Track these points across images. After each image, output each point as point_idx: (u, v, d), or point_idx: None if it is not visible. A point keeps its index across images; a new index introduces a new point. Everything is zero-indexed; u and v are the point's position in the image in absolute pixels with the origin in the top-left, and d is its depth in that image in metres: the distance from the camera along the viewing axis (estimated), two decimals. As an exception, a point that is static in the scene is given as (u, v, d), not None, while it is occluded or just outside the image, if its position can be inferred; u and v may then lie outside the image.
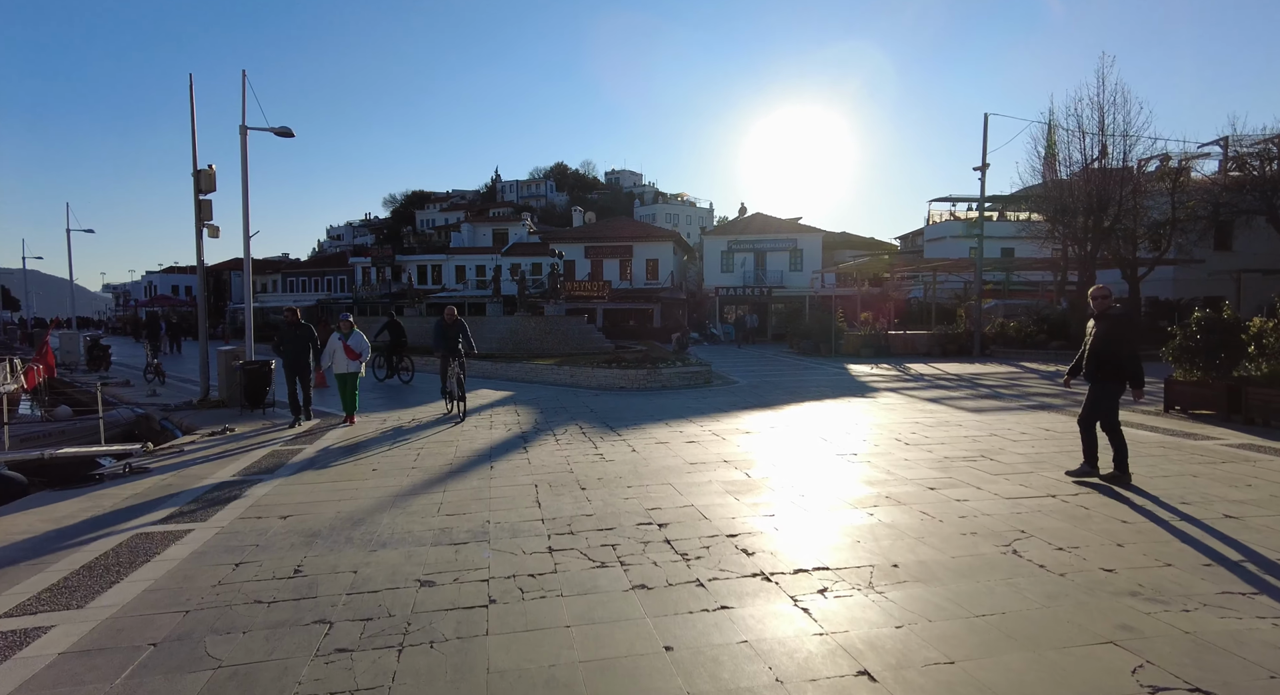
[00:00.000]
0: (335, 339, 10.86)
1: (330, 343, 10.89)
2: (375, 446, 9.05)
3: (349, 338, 10.85)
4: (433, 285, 54.11)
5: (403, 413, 12.15)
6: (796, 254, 43.45)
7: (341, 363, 10.85)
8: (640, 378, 15.36)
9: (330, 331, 22.27)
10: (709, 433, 9.58)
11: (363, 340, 10.97)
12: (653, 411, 11.77)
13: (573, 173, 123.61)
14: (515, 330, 22.61)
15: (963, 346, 25.00)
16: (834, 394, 13.88)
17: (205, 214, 13.78)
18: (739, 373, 18.69)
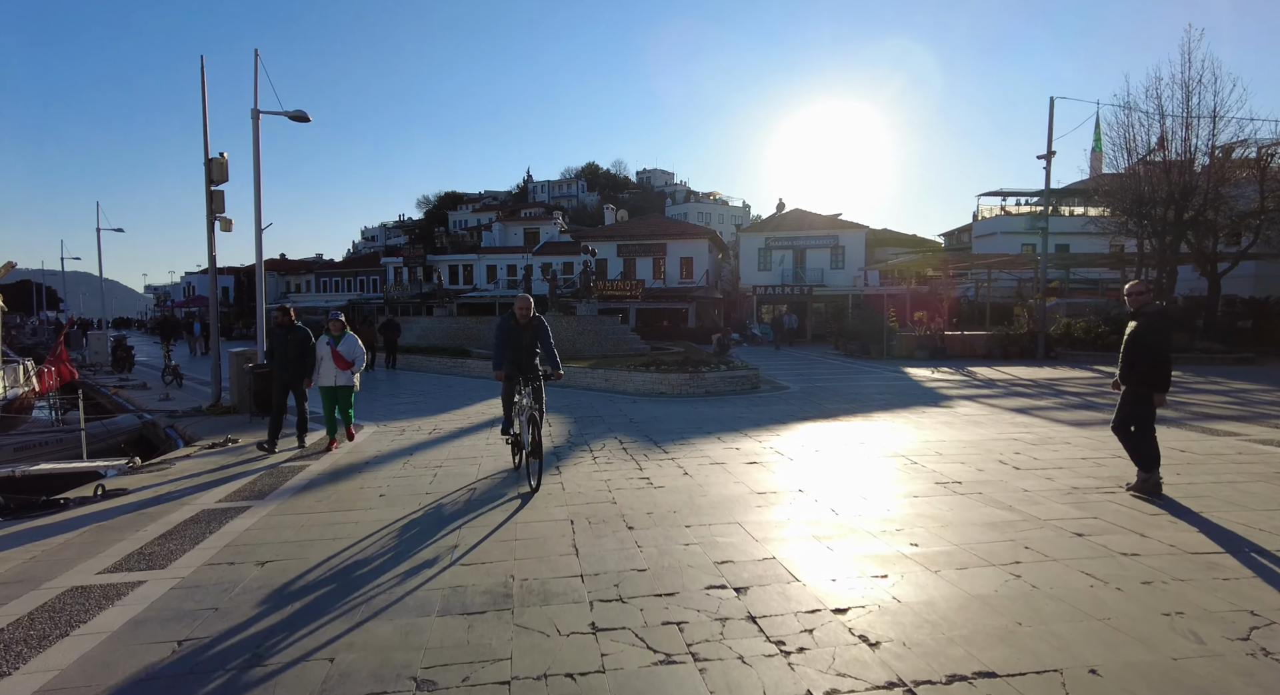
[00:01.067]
0: (323, 344, 8.74)
1: (316, 348, 8.81)
2: (390, 463, 7.90)
3: (339, 342, 8.74)
4: (464, 285, 53.48)
5: (425, 421, 11.03)
6: (838, 251, 41.65)
7: (329, 373, 8.71)
8: (681, 383, 14.04)
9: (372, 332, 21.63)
10: (771, 451, 8.22)
11: (356, 345, 8.83)
12: (699, 422, 10.45)
13: (604, 172, 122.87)
14: (546, 331, 21.46)
15: (1025, 348, 23.16)
16: (903, 403, 12.39)
17: (217, 206, 12.88)
18: (787, 376, 17.26)
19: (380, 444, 9.18)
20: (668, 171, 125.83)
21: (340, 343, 8.75)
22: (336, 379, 8.73)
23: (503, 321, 7.14)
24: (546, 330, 7.34)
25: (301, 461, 8.22)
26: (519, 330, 7.08)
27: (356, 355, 8.81)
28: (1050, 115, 22.23)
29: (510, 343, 7.04)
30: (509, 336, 7.02)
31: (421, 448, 8.85)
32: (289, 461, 8.18)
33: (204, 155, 12.71)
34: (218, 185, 12.85)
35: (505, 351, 7.03)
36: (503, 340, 7.02)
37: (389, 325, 21.87)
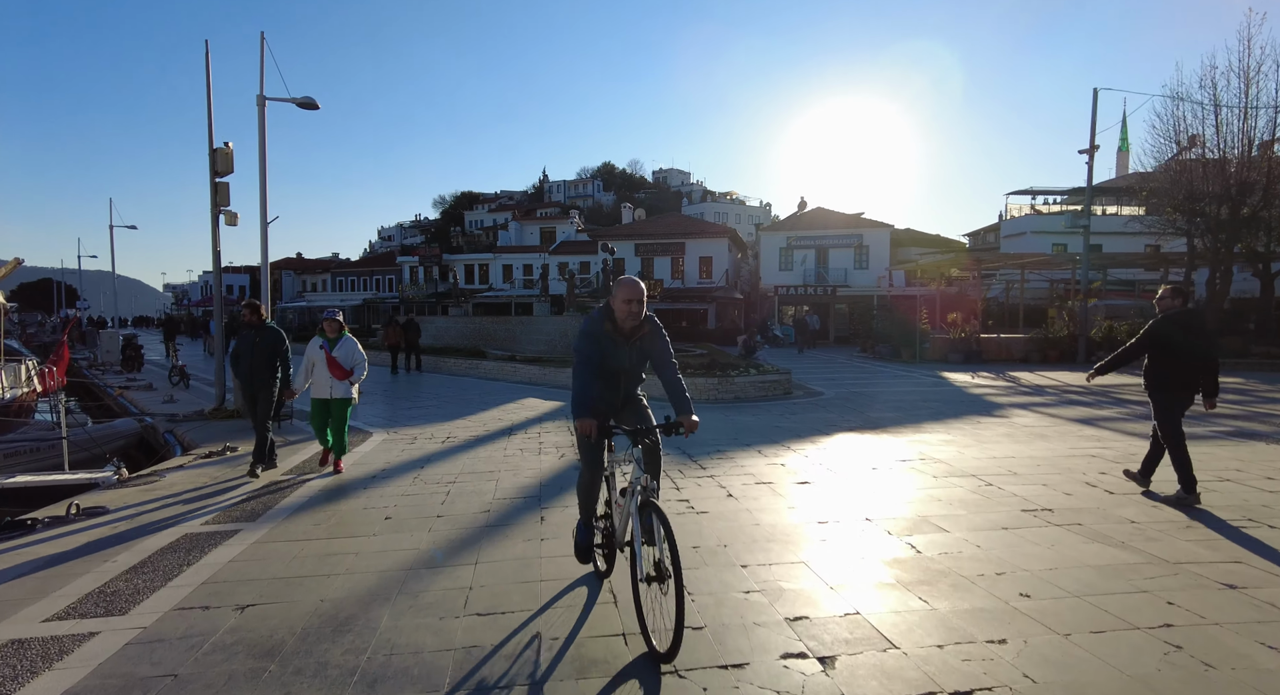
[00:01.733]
0: (315, 346, 7.32)
1: (308, 352, 7.34)
2: (398, 478, 7.14)
3: (336, 346, 7.32)
4: (480, 285, 52.96)
5: (438, 429, 10.28)
6: (862, 250, 40.58)
7: (323, 382, 7.32)
8: (710, 388, 13.20)
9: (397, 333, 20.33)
10: (821, 468, 7.36)
11: (355, 350, 7.42)
12: (734, 432, 9.61)
13: (620, 172, 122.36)
14: (565, 331, 20.71)
15: (1065, 352, 22.06)
16: (953, 412, 11.47)
17: (221, 199, 12.22)
18: (818, 381, 16.36)
19: (389, 454, 8.43)
20: (684, 171, 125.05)
21: (337, 347, 7.36)
22: (332, 390, 7.34)
23: (593, 326, 3.81)
24: (667, 343, 4.09)
25: (304, 473, 7.49)
26: (620, 343, 3.84)
27: (356, 362, 7.41)
28: (1094, 107, 21.14)
29: (606, 367, 3.88)
30: (603, 352, 3.82)
31: (434, 459, 8.09)
32: (288, 476, 7.45)
33: (208, 145, 12.06)
34: (223, 177, 12.20)
35: (594, 381, 3.84)
36: (592, 359, 3.81)
37: (410, 325, 20.77)
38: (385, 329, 20.50)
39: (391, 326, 20.48)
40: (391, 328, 20.38)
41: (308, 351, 7.38)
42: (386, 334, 20.11)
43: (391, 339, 19.94)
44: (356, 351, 7.49)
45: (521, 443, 9.07)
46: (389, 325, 20.54)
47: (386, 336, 20.04)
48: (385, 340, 20.12)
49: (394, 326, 20.46)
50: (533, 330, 22.60)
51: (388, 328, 20.31)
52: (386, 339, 20.05)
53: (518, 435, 9.64)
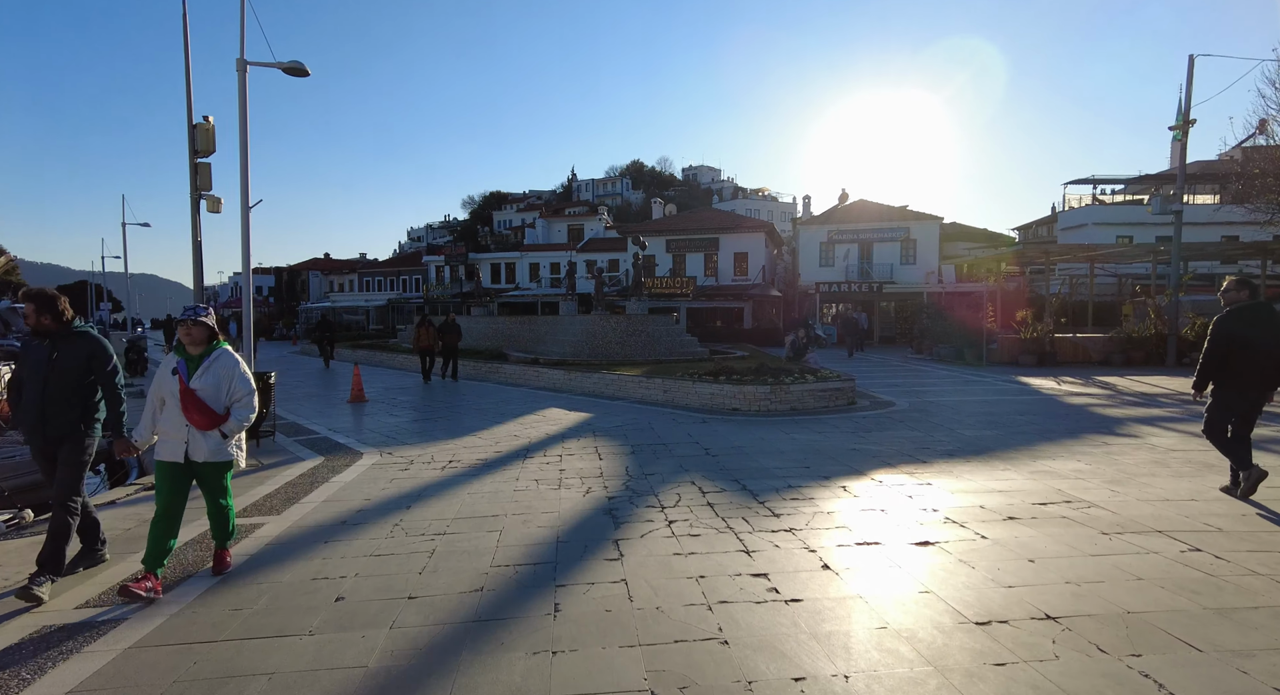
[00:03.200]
0: (167, 371, 4.28)
1: (156, 380, 4.36)
2: (375, 524, 5.43)
3: (199, 370, 4.25)
4: (506, 284, 51.62)
5: (442, 448, 8.58)
6: (908, 244, 38.17)
7: (173, 434, 4.21)
8: (761, 397, 11.32)
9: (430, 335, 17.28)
10: (935, 515, 5.46)
11: (236, 376, 4.36)
12: (801, 456, 7.73)
13: (649, 170, 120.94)
14: (592, 332, 19.00)
15: (1151, 353, 19.66)
16: (1063, 429, 9.43)
17: (203, 182, 10.71)
18: (881, 387, 14.35)
19: (374, 486, 6.74)
20: (714, 168, 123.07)
21: (200, 372, 4.22)
22: (191, 448, 4.18)
23: None
24: None
25: (257, 516, 5.83)
26: None
27: (237, 398, 4.33)
28: (1189, 75, 18.70)
29: None
30: None
31: (426, 495, 6.37)
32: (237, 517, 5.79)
33: (187, 120, 10.56)
34: (204, 157, 10.69)
35: None
36: None
37: (449, 327, 17.63)
38: (416, 330, 17.83)
39: (424, 327, 17.63)
40: (424, 329, 17.57)
41: (155, 380, 4.35)
42: (418, 336, 17.59)
43: (424, 342, 17.38)
44: (237, 378, 4.34)
45: (538, 470, 7.32)
46: (421, 326, 17.73)
47: (418, 339, 17.56)
48: (416, 343, 17.69)
49: (427, 327, 17.61)
50: (558, 331, 20.93)
51: (419, 329, 17.68)
52: (417, 342, 17.57)
53: (534, 459, 7.90)
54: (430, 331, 17.40)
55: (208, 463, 4.30)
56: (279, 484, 6.94)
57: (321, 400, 14.04)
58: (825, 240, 38.94)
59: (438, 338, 17.41)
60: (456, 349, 17.84)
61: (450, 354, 17.65)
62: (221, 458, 4.36)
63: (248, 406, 4.40)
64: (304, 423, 11.07)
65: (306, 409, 12.69)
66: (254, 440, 9.02)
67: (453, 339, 17.57)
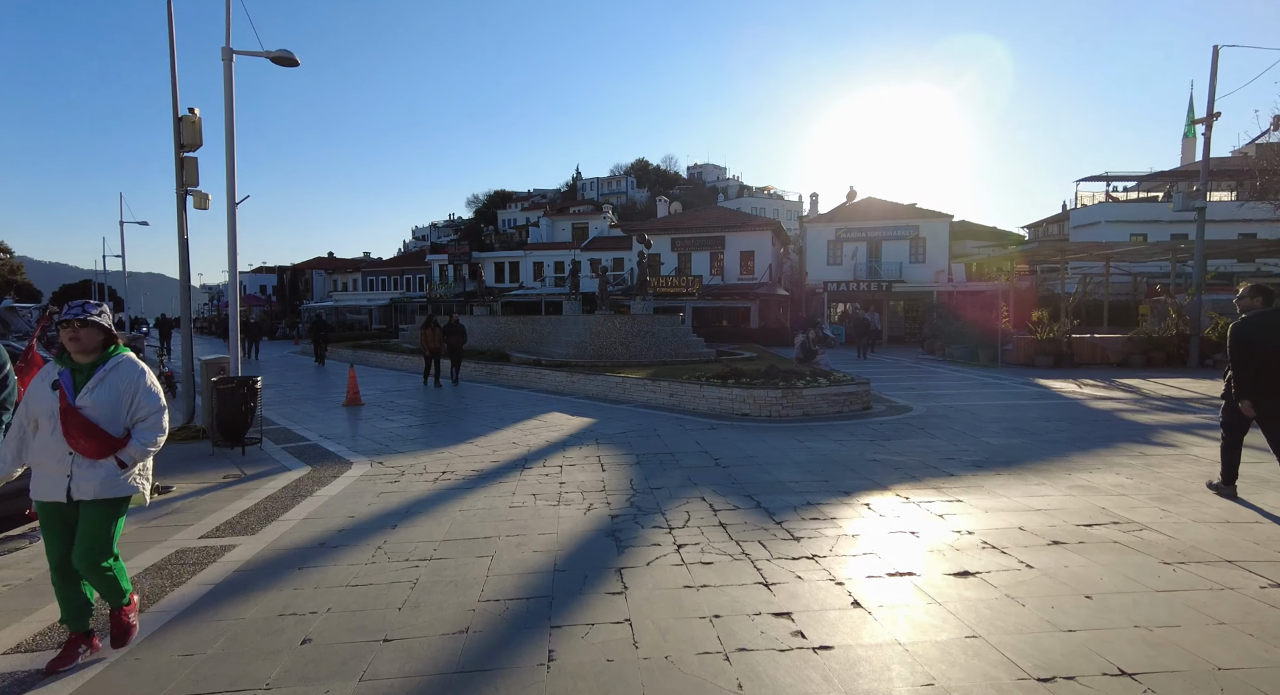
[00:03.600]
0: (45, 384, 3.37)
1: (29, 395, 3.40)
2: (356, 547, 4.96)
3: (93, 380, 3.39)
4: (509, 283, 51.21)
5: (436, 456, 8.10)
6: (918, 242, 37.57)
7: (51, 466, 3.31)
8: (772, 402, 10.82)
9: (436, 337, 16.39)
10: (971, 538, 4.95)
11: (140, 389, 3.49)
12: (819, 468, 7.23)
13: (654, 168, 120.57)
14: (596, 332, 18.52)
15: (1172, 354, 19.06)
16: (1095, 437, 8.90)
17: (189, 177, 10.27)
18: (896, 391, 13.82)
19: (359, 501, 6.27)
20: (719, 166, 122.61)
21: (93, 382, 3.40)
22: (75, 482, 3.30)
23: None
24: None
25: (229, 534, 5.36)
26: None
27: (141, 416, 3.48)
28: (1213, 67, 18.09)
29: None
30: None
31: (415, 512, 5.89)
32: (210, 535, 5.33)
33: (172, 112, 10.12)
34: (190, 151, 10.25)
35: None
36: None
37: (452, 328, 16.72)
38: (422, 331, 16.85)
39: (430, 328, 16.64)
40: (430, 330, 16.61)
41: (28, 395, 3.42)
42: (424, 337, 16.67)
43: (431, 343, 16.44)
44: (141, 393, 3.49)
45: (537, 482, 6.83)
46: (427, 327, 16.75)
47: (424, 340, 16.63)
48: (423, 344, 16.63)
49: (432, 328, 16.62)
50: (561, 331, 20.45)
51: (425, 330, 16.71)
52: (425, 343, 16.56)
53: (534, 469, 7.42)
54: (436, 333, 16.55)
55: (96, 500, 3.32)
56: (259, 498, 6.48)
57: (316, 403, 13.59)
58: (833, 238, 38.36)
59: (443, 339, 16.60)
60: (461, 351, 17.07)
61: (455, 356, 16.90)
62: (114, 492, 3.36)
63: (156, 428, 3.50)
64: (295, 428, 10.62)
65: (300, 413, 12.25)
66: (239, 448, 8.57)
67: (457, 341, 16.81)
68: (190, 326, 10.58)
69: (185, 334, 10.52)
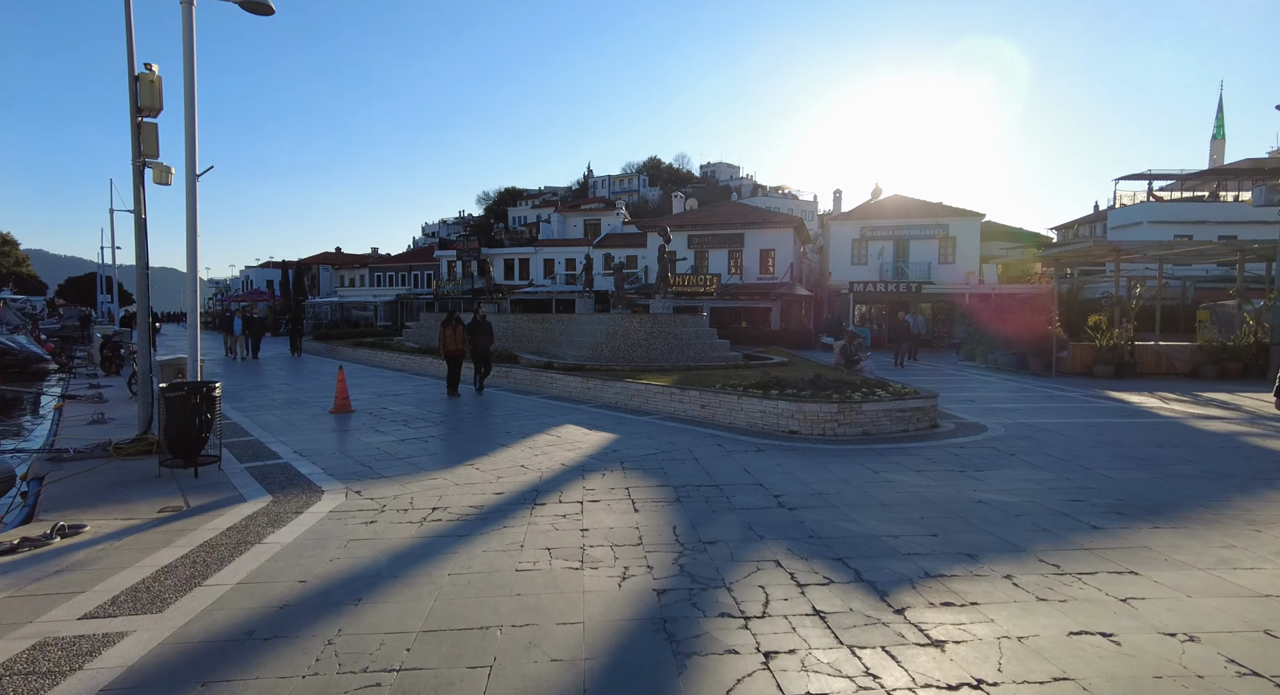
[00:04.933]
0: None
1: None
2: (296, 637, 3.41)
3: None
4: (519, 280, 49.74)
5: (427, 483, 6.55)
6: (947, 242, 35.79)
7: None
8: (825, 418, 9.21)
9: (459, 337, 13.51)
10: (1205, 652, 3.34)
11: None
12: (915, 513, 5.63)
13: (667, 167, 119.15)
14: (613, 333, 16.95)
15: (1248, 364, 17.29)
16: (1247, 475, 7.25)
17: (148, 147, 8.78)
18: (953, 404, 12.16)
19: (320, 555, 4.73)
20: (733, 165, 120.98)
21: None
22: None
23: None
24: None
25: (125, 617, 3.83)
26: None
27: None
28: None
29: None
30: None
31: (391, 572, 4.34)
32: (91, 618, 3.79)
33: (128, 69, 8.62)
34: (149, 116, 8.76)
35: None
36: None
37: (479, 326, 14.21)
38: (443, 331, 14.14)
39: (451, 326, 13.99)
40: (451, 328, 13.99)
41: None
42: (445, 338, 14.02)
43: (452, 345, 13.92)
44: None
45: (552, 528, 5.27)
46: (449, 325, 14.08)
47: (445, 341, 14.01)
48: (443, 347, 14.07)
49: (454, 326, 13.99)
50: (575, 331, 18.91)
51: (445, 328, 14.06)
52: (444, 345, 14.01)
53: (547, 507, 5.86)
54: (460, 332, 13.99)
55: None
56: (191, 546, 4.95)
57: (302, 409, 12.10)
58: (858, 237, 36.64)
59: (468, 340, 14.08)
60: (489, 354, 14.43)
61: (481, 360, 14.22)
62: None
63: None
64: (269, 440, 9.11)
65: (279, 421, 10.75)
66: (192, 468, 7.06)
67: (484, 342, 14.21)
68: (147, 320, 9.07)
69: (142, 329, 9.01)
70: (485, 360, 14.31)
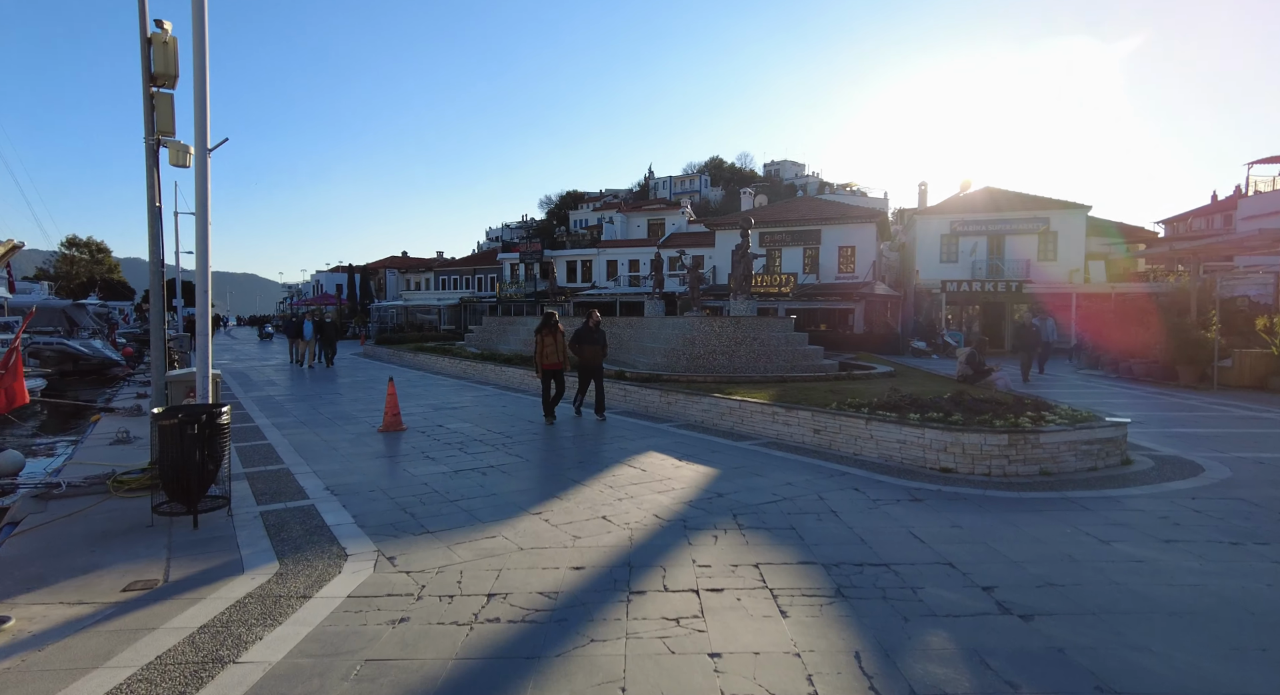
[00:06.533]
0: None
1: None
2: None
3: None
4: (581, 283, 48.49)
5: (480, 544, 4.85)
6: (1048, 237, 32.43)
7: None
8: (992, 453, 7.09)
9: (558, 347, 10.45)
10: None
11: None
12: (1233, 627, 3.55)
13: (729, 166, 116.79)
14: (690, 338, 15.08)
15: None
16: None
17: (163, 122, 7.42)
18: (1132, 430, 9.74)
19: (320, 688, 3.04)
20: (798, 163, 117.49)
21: None
22: None
23: None
24: None
25: None
26: None
27: None
28: None
29: None
30: None
31: None
32: None
33: (140, 30, 7.29)
34: (163, 87, 7.42)
35: None
36: None
37: (589, 334, 10.93)
38: (538, 337, 10.85)
39: (551, 333, 10.79)
40: (551, 336, 10.78)
41: None
42: (541, 345, 10.79)
43: (552, 358, 10.75)
44: None
45: (662, 655, 3.44)
46: (546, 331, 10.83)
47: (541, 350, 10.77)
48: (540, 357, 10.79)
49: (554, 333, 10.79)
50: (646, 336, 17.13)
51: (543, 334, 10.80)
52: (543, 356, 10.76)
53: (649, 602, 4.04)
54: (559, 339, 10.87)
55: None
56: (138, 666, 3.35)
57: (346, 426, 10.71)
58: (947, 232, 33.62)
59: (578, 350, 10.92)
60: (600, 370, 11.13)
61: (592, 374, 11.04)
62: None
63: None
64: (298, 470, 7.63)
65: (317, 442, 9.34)
66: (192, 516, 5.57)
67: (594, 353, 10.92)
68: (163, 324, 7.73)
69: (156, 335, 7.67)
70: (596, 375, 11.06)
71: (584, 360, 11.00)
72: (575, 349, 11.02)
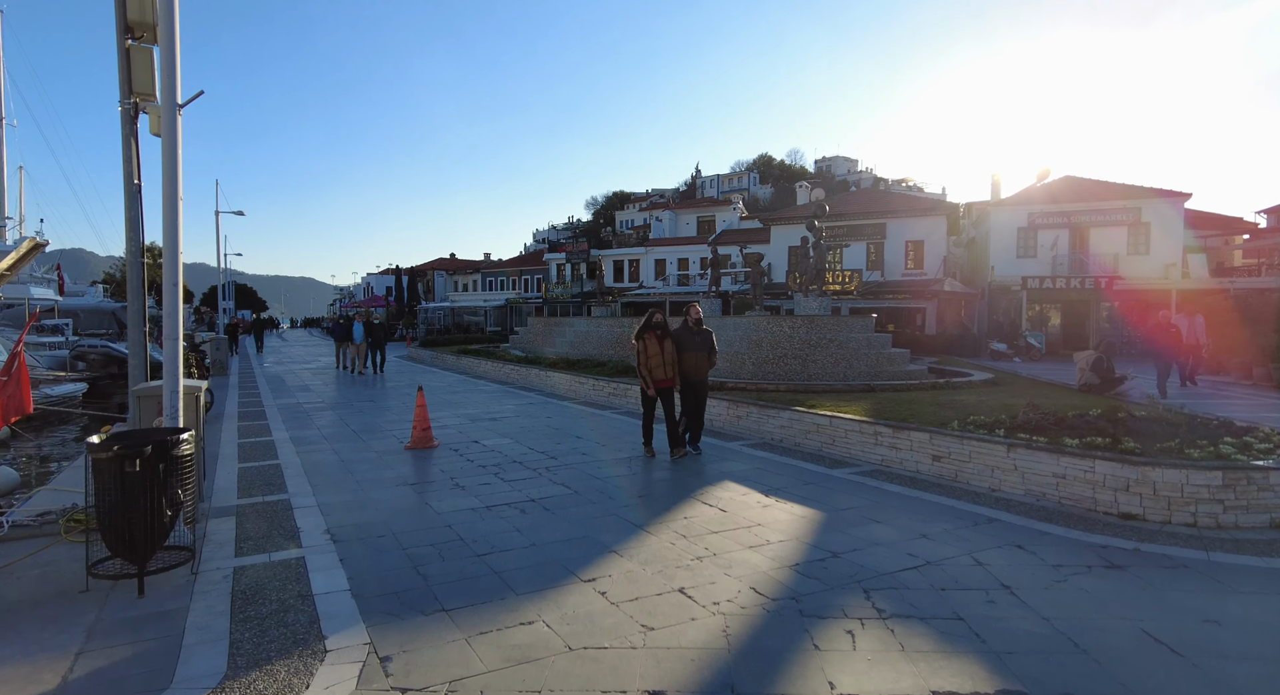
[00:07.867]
0: None
1: None
2: None
3: None
4: (629, 283, 47.03)
5: (509, 639, 3.33)
6: (1139, 229, 29.45)
7: None
8: (1200, 495, 5.24)
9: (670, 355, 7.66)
10: None
11: None
12: None
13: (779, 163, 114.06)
14: (758, 340, 13.40)
15: None
16: None
17: (140, 81, 6.15)
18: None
19: None
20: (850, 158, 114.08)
21: None
22: None
23: None
24: None
25: None
26: None
27: None
28: None
29: None
30: None
31: None
32: None
33: (112, -26, 6.05)
34: (140, 40, 6.17)
35: None
36: None
37: (691, 335, 8.31)
38: (640, 343, 8.21)
39: (660, 338, 8.12)
40: (661, 341, 8.12)
41: None
42: (647, 356, 8.11)
43: (660, 371, 8.06)
44: None
45: None
46: (652, 335, 8.15)
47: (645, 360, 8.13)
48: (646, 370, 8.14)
49: (661, 340, 8.11)
50: (706, 338, 15.44)
51: (644, 340, 8.15)
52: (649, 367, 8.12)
53: None
54: (667, 348, 8.13)
55: None
56: None
57: (371, 440, 9.41)
58: (1025, 225, 30.92)
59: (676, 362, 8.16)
60: (705, 385, 8.47)
61: (692, 393, 8.27)
62: None
63: None
64: (300, 503, 6.27)
65: (334, 462, 8.02)
66: (138, 579, 4.22)
67: (695, 364, 8.24)
68: (143, 325, 6.48)
69: (133, 336, 6.43)
70: (698, 393, 8.31)
71: (682, 373, 8.20)
72: (681, 358, 8.28)
